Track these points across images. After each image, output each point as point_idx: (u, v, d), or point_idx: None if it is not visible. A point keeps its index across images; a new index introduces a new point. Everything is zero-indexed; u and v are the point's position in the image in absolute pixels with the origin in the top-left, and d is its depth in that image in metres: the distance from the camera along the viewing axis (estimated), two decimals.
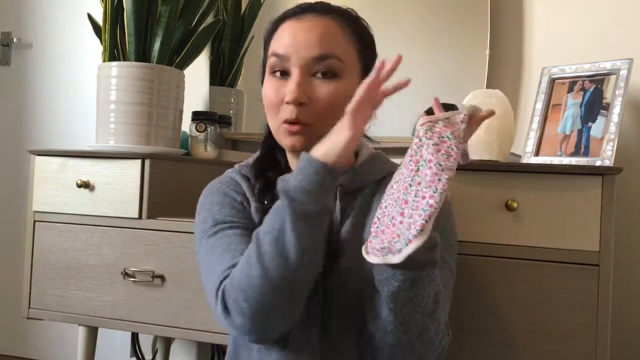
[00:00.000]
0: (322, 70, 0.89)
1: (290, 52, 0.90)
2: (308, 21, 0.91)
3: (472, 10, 1.69)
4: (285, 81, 0.91)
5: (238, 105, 1.99)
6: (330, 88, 0.89)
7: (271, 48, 0.94)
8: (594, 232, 1.15)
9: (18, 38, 2.27)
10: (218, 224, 0.93)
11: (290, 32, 0.91)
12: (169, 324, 1.40)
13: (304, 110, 0.89)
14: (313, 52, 0.89)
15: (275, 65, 0.92)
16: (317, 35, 0.90)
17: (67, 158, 1.52)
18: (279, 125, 0.92)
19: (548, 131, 1.40)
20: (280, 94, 0.91)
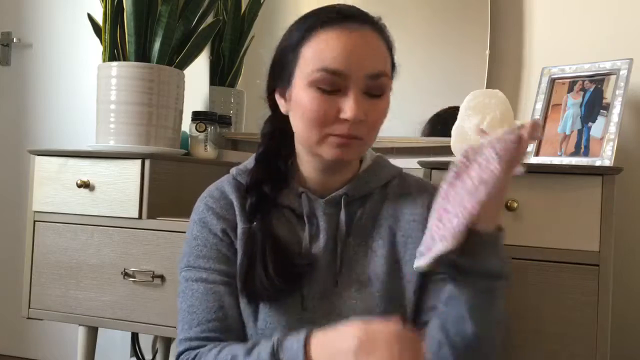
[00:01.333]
0: (373, 88, 0.88)
1: (347, 68, 0.85)
2: (356, 32, 0.87)
3: (472, 10, 1.68)
4: (335, 96, 0.86)
5: (238, 105, 1.99)
6: (379, 106, 0.89)
7: (317, 60, 0.86)
8: (594, 232, 1.15)
9: (18, 38, 2.27)
10: (189, 267, 0.95)
11: (342, 44, 0.86)
12: (169, 324, 1.40)
13: (358, 127, 0.87)
14: (369, 70, 0.87)
15: (324, 81, 0.86)
16: (370, 50, 0.88)
17: (67, 158, 1.52)
18: (323, 137, 0.88)
19: (548, 131, 1.40)
20: (330, 109, 0.86)
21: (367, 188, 0.97)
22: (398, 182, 1.00)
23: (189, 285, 0.94)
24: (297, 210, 0.94)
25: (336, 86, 0.86)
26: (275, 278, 0.87)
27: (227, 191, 0.96)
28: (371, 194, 0.97)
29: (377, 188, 0.98)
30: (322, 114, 0.86)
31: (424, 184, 1.02)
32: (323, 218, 0.93)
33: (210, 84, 1.96)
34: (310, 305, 0.90)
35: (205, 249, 0.94)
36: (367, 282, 0.92)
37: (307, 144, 0.91)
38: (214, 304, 0.91)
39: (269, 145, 0.98)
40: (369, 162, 0.99)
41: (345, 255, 0.93)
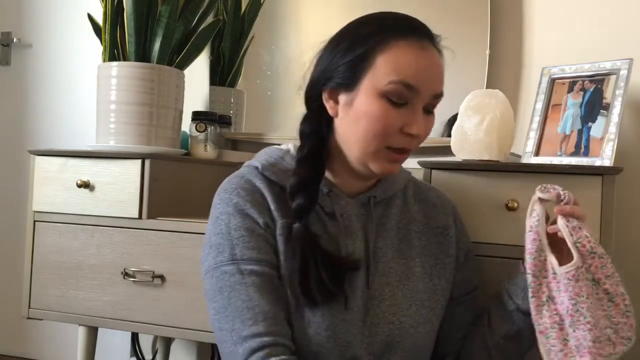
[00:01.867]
0: (431, 106, 0.90)
1: (421, 86, 0.86)
2: (430, 51, 0.89)
3: (472, 10, 1.68)
4: (401, 109, 0.87)
5: (238, 105, 1.99)
6: (431, 122, 0.92)
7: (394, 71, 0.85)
8: (594, 232, 1.15)
9: (18, 38, 2.27)
10: (236, 262, 0.88)
11: (420, 61, 0.87)
12: (169, 324, 1.40)
13: (415, 141, 0.90)
14: (437, 89, 0.89)
15: (397, 93, 0.85)
16: (439, 70, 0.90)
17: (67, 158, 1.52)
18: (380, 149, 0.88)
19: (548, 131, 1.40)
20: (400, 121, 0.87)
21: (391, 191, 0.99)
22: (413, 185, 1.04)
23: (239, 279, 0.87)
24: (327, 209, 0.93)
25: (405, 100, 0.86)
26: (329, 282, 0.86)
27: (259, 186, 0.93)
28: (393, 197, 1.00)
29: (398, 191, 1.01)
30: (388, 127, 0.86)
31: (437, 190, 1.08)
32: (354, 218, 0.94)
33: (210, 84, 1.95)
34: (353, 305, 0.90)
35: (253, 239, 0.89)
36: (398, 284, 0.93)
37: (361, 153, 0.89)
38: (275, 296, 0.87)
39: (314, 145, 0.93)
40: None
41: (375, 256, 0.94)
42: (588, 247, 0.89)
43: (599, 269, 0.89)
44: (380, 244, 0.95)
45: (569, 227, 0.90)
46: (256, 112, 1.98)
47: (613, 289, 0.88)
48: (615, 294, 0.88)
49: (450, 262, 0.99)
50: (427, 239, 0.99)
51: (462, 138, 1.29)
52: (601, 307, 0.88)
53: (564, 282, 0.88)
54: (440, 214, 1.01)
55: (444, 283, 0.97)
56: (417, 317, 0.92)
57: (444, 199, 1.04)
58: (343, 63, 0.89)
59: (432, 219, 1.00)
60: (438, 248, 0.99)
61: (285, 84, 1.92)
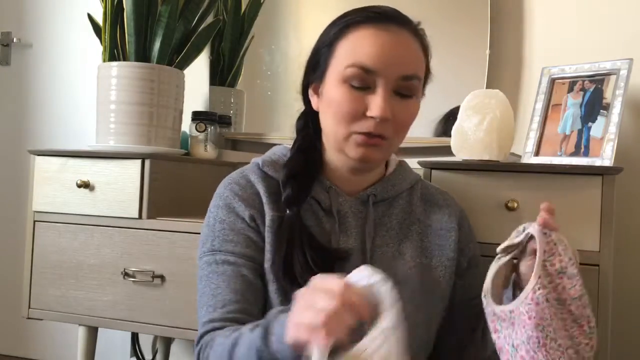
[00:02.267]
0: (404, 88, 0.88)
1: (379, 66, 0.86)
2: (392, 32, 0.88)
3: (472, 10, 1.68)
4: (364, 93, 0.87)
5: (238, 105, 1.99)
6: (408, 107, 0.90)
7: (350, 56, 0.87)
8: (594, 232, 1.15)
9: (18, 38, 2.27)
10: (214, 252, 0.92)
11: (377, 42, 0.87)
12: (169, 324, 1.40)
13: (384, 126, 0.88)
14: (402, 71, 0.87)
15: (355, 77, 0.87)
16: (405, 51, 0.88)
17: (67, 158, 1.52)
18: (349, 135, 0.89)
19: (548, 131, 1.40)
20: (358, 106, 0.87)
21: (393, 191, 0.98)
22: (421, 187, 1.03)
23: (214, 269, 0.91)
24: (324, 204, 0.94)
25: (366, 83, 0.87)
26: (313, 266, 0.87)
27: (253, 180, 0.96)
28: (397, 197, 0.99)
29: (403, 192, 1.00)
30: (350, 111, 0.87)
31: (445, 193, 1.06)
32: (351, 215, 0.94)
33: (210, 84, 1.95)
34: None
35: (232, 232, 0.93)
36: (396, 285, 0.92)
37: (334, 140, 0.92)
38: (241, 287, 0.89)
39: (304, 139, 0.98)
40: (394, 165, 1.02)
41: (373, 255, 0.94)
42: (557, 267, 0.86)
43: (567, 290, 0.85)
44: (379, 242, 0.95)
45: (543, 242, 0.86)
46: (256, 112, 1.98)
47: (579, 311, 0.85)
48: (580, 316, 0.84)
49: (451, 265, 0.98)
50: (429, 241, 0.98)
51: (462, 138, 1.29)
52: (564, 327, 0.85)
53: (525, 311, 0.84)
54: (445, 216, 1.00)
55: (443, 287, 0.97)
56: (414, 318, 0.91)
57: (451, 203, 1.03)
58: (314, 58, 0.94)
59: (435, 221, 1.00)
60: (439, 251, 0.98)
61: (285, 84, 1.92)
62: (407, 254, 0.95)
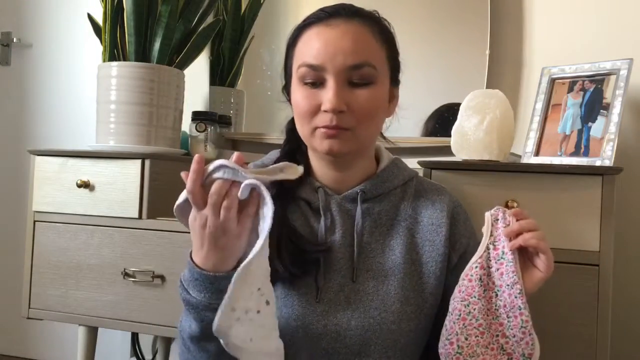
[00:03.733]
0: (357, 77, 0.89)
1: (324, 61, 0.88)
2: (337, 26, 0.89)
3: (472, 10, 1.68)
4: (318, 89, 0.90)
5: (238, 105, 1.99)
6: (366, 95, 0.90)
7: (300, 57, 0.92)
8: (594, 232, 1.15)
9: (18, 38, 2.27)
10: None
11: (321, 39, 0.89)
12: (169, 324, 1.40)
13: (342, 117, 0.89)
14: (348, 61, 0.88)
15: (306, 76, 0.90)
16: (350, 41, 0.89)
17: (67, 158, 1.52)
18: (313, 130, 0.91)
19: (548, 131, 1.40)
20: (314, 102, 0.90)
21: (384, 187, 0.99)
22: (415, 184, 1.03)
23: None
24: (314, 204, 0.96)
25: (318, 79, 0.90)
26: (289, 264, 0.89)
27: None
28: (388, 194, 0.99)
29: (395, 188, 1.00)
30: (307, 108, 0.90)
31: (441, 188, 1.05)
32: (339, 213, 0.95)
33: (210, 84, 1.95)
34: (325, 297, 0.91)
35: None
36: (384, 279, 0.93)
37: (305, 139, 0.95)
38: None
39: (291, 141, 1.01)
40: (386, 162, 1.02)
41: (362, 251, 0.94)
42: (499, 251, 0.88)
43: (502, 277, 0.88)
44: (368, 239, 0.95)
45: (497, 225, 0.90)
46: (256, 112, 1.98)
47: (510, 300, 0.86)
48: (512, 306, 0.86)
49: (442, 260, 0.97)
50: (420, 237, 0.98)
51: (462, 138, 1.29)
52: (490, 310, 0.87)
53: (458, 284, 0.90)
54: (437, 211, 1.00)
55: (433, 281, 0.96)
56: (400, 313, 0.91)
57: (444, 198, 1.02)
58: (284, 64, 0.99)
59: (426, 216, 0.99)
60: (430, 246, 0.97)
61: None
62: (396, 249, 0.95)
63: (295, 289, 0.91)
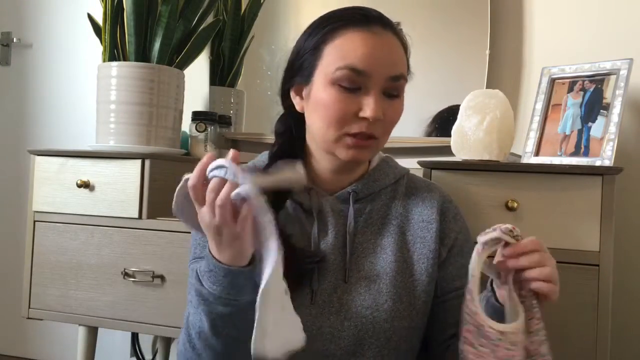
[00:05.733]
0: (392, 89, 0.90)
1: (369, 69, 0.87)
2: (380, 36, 0.89)
3: (472, 10, 1.68)
4: (354, 95, 0.88)
5: (238, 105, 1.99)
6: (396, 107, 0.92)
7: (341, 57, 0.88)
8: (594, 232, 1.15)
9: (18, 38, 2.27)
10: (196, 259, 0.95)
11: (368, 45, 0.88)
12: (169, 324, 1.40)
13: (375, 126, 0.89)
14: (391, 72, 0.89)
15: (346, 79, 0.87)
16: (391, 52, 0.90)
17: (67, 158, 1.52)
18: (340, 137, 0.90)
19: (548, 131, 1.40)
20: (350, 107, 0.88)
21: (375, 186, 0.98)
22: (406, 182, 1.03)
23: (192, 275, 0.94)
24: (306, 206, 0.95)
25: (357, 85, 0.88)
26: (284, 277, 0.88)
27: None
28: (379, 193, 0.99)
29: (386, 187, 1.00)
30: (342, 112, 0.88)
31: (431, 185, 1.05)
32: (331, 214, 0.95)
33: (210, 84, 1.95)
34: (319, 300, 0.91)
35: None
36: (376, 278, 0.93)
37: (324, 142, 0.92)
38: None
39: (283, 143, 0.99)
40: (377, 161, 1.02)
41: (354, 251, 0.94)
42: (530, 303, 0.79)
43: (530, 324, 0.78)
44: (360, 239, 0.95)
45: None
46: (256, 112, 1.98)
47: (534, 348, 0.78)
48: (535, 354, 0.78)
49: (433, 257, 0.97)
50: (410, 234, 0.98)
51: (462, 138, 1.29)
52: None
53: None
54: (427, 208, 0.99)
55: (425, 278, 0.95)
56: (393, 312, 0.91)
57: (434, 195, 1.01)
58: (297, 60, 0.94)
59: (417, 213, 0.99)
60: (421, 243, 0.97)
61: None
62: (388, 248, 0.95)
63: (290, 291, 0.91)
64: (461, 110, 1.31)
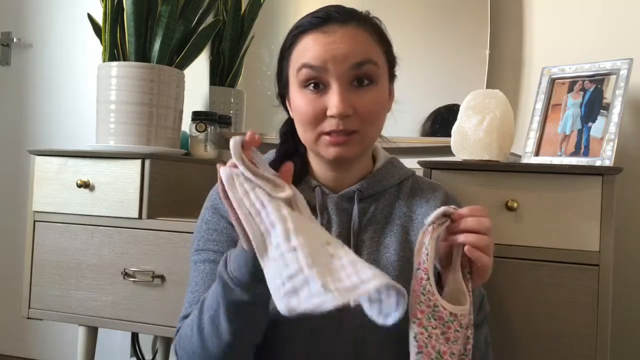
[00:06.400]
0: (360, 78, 0.89)
1: (326, 62, 0.87)
2: (334, 32, 0.89)
3: (472, 10, 1.68)
4: (321, 94, 0.89)
5: (238, 105, 1.99)
6: (370, 96, 0.90)
7: (299, 60, 0.90)
8: (594, 232, 1.15)
9: (18, 38, 2.27)
10: (198, 251, 0.98)
11: (319, 44, 0.89)
12: (169, 324, 1.40)
13: (348, 121, 0.89)
14: (351, 60, 0.88)
15: (309, 77, 0.89)
16: (349, 44, 0.89)
17: (67, 158, 1.52)
18: (318, 137, 0.91)
19: (548, 131, 1.40)
20: (318, 107, 0.89)
21: (380, 186, 0.99)
22: (411, 182, 1.03)
23: (196, 267, 0.97)
24: (311, 204, 0.95)
25: (321, 82, 0.89)
26: None
27: None
28: (384, 192, 0.99)
29: (391, 187, 1.00)
30: (312, 114, 0.89)
31: (436, 185, 1.05)
32: (335, 212, 0.95)
33: (210, 84, 1.96)
34: None
35: (216, 233, 0.97)
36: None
37: (308, 144, 0.94)
38: None
39: (287, 143, 1.01)
40: (382, 161, 1.02)
41: (357, 250, 0.94)
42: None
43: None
44: (364, 237, 0.95)
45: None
46: (256, 112, 1.98)
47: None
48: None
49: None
50: (414, 234, 0.98)
51: (462, 138, 1.29)
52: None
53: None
54: (431, 208, 0.99)
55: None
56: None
57: (437, 194, 1.02)
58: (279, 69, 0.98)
59: (420, 214, 0.99)
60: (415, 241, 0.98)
61: None
62: (391, 247, 0.96)
63: None
64: (461, 110, 1.31)
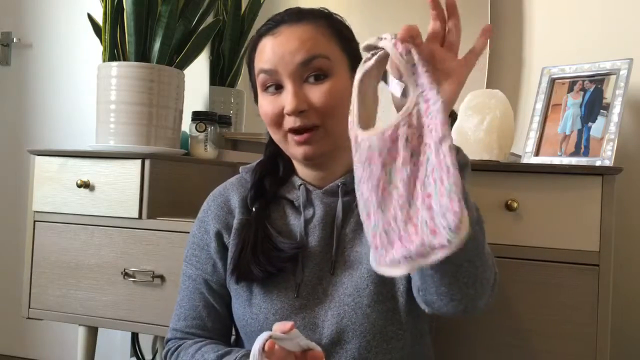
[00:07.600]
0: (313, 73, 0.90)
1: (276, 65, 0.90)
2: (281, 34, 0.92)
3: (472, 10, 1.68)
4: (279, 94, 0.91)
5: (238, 105, 1.99)
6: (325, 89, 0.90)
7: (257, 66, 0.94)
8: (594, 232, 1.15)
9: (18, 38, 2.27)
10: (185, 261, 1.03)
11: (269, 47, 0.92)
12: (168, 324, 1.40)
13: (305, 116, 0.90)
14: (298, 58, 0.89)
15: (265, 81, 0.92)
16: (295, 42, 0.90)
17: (67, 158, 1.52)
18: (284, 136, 0.93)
19: (548, 131, 1.40)
20: (276, 107, 0.91)
21: None
22: None
23: (183, 280, 1.03)
24: (296, 202, 0.98)
25: (276, 83, 0.91)
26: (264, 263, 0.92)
27: (228, 188, 1.03)
28: None
29: None
30: (272, 114, 0.92)
31: None
32: (320, 207, 0.96)
33: (210, 84, 1.96)
34: (304, 292, 0.92)
35: (198, 249, 1.01)
36: (358, 265, 0.93)
37: (281, 146, 0.96)
38: (198, 304, 1.01)
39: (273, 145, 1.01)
40: None
41: (341, 243, 0.94)
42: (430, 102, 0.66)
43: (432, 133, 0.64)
44: (347, 230, 0.95)
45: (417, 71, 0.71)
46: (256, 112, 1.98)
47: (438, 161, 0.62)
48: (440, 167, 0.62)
49: None
50: None
51: (462, 138, 1.29)
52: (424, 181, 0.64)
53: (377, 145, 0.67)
54: None
55: None
56: (375, 295, 0.90)
57: None
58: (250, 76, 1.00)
59: None
60: None
61: None
62: None
63: (274, 285, 0.93)
64: (461, 110, 1.31)
